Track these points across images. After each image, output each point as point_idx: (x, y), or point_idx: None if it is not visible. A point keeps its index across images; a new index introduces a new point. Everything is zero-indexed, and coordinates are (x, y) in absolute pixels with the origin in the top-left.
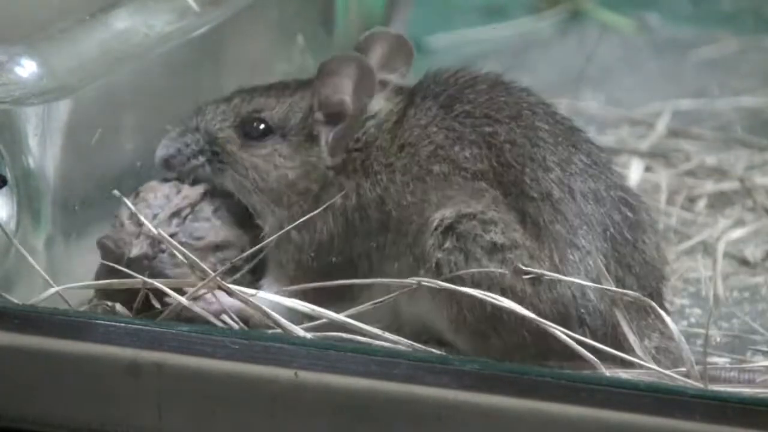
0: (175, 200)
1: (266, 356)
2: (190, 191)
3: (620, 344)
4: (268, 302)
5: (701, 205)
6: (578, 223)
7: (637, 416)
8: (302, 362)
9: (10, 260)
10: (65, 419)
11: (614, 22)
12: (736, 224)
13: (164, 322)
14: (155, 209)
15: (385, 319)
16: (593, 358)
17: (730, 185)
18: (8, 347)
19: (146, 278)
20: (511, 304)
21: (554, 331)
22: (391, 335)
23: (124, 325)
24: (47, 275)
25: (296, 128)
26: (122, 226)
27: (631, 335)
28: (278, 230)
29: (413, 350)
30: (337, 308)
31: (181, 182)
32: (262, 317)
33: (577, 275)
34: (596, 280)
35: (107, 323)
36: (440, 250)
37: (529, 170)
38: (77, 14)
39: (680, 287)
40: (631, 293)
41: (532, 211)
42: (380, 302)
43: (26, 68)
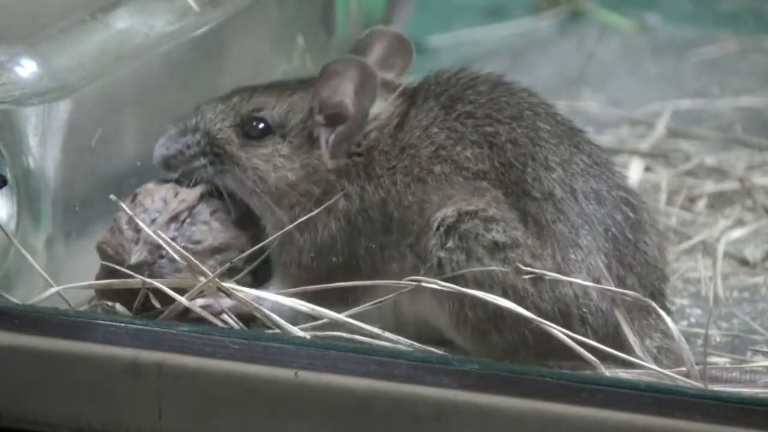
0: (172, 204)
1: (266, 356)
2: (187, 194)
3: (622, 344)
4: (270, 302)
5: (701, 205)
6: (580, 222)
7: (637, 416)
8: (302, 362)
9: (10, 260)
10: (65, 419)
11: (614, 22)
12: (736, 224)
13: (164, 322)
14: (152, 214)
15: (385, 319)
16: (593, 358)
17: (730, 185)
18: (8, 347)
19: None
20: (510, 304)
21: (554, 331)
22: (391, 335)
23: (124, 325)
24: (47, 275)
25: (296, 129)
26: (120, 231)
27: (631, 335)
28: (279, 232)
29: (413, 350)
30: (339, 310)
31: (179, 183)
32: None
33: (579, 274)
34: (598, 279)
35: (107, 323)
36: (442, 249)
37: (530, 170)
38: (77, 14)
39: (680, 287)
40: (630, 293)
41: (534, 210)
42: (381, 302)
43: (26, 68)
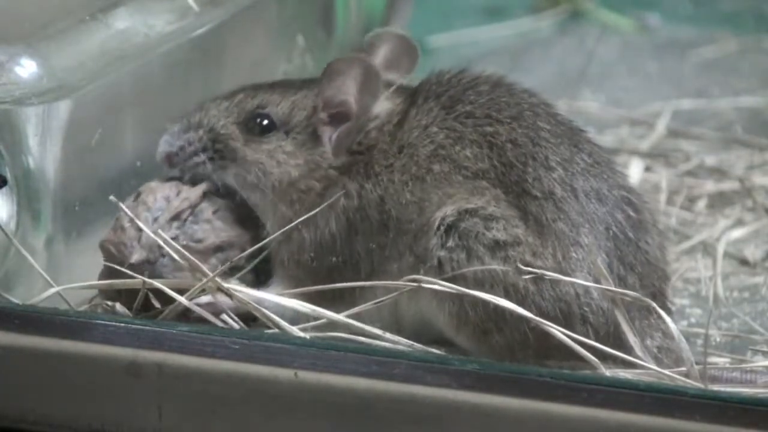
0: (174, 202)
1: (266, 356)
2: (189, 192)
3: (623, 343)
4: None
5: (701, 205)
6: (581, 221)
7: (637, 416)
8: (302, 362)
9: (10, 260)
10: (65, 419)
11: (614, 22)
12: (736, 224)
13: (164, 322)
14: (155, 212)
15: (385, 318)
16: (593, 358)
17: (730, 185)
18: (8, 347)
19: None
20: (510, 304)
21: (554, 331)
22: (391, 335)
23: (124, 325)
24: (47, 275)
25: (300, 126)
26: (122, 230)
27: (630, 335)
28: (280, 229)
29: (413, 350)
30: (337, 308)
31: (182, 180)
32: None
33: (580, 273)
34: (599, 278)
35: (107, 323)
36: (443, 248)
37: (531, 169)
38: (77, 14)
39: (680, 287)
40: (630, 293)
41: (534, 209)
42: (380, 302)
43: (26, 68)
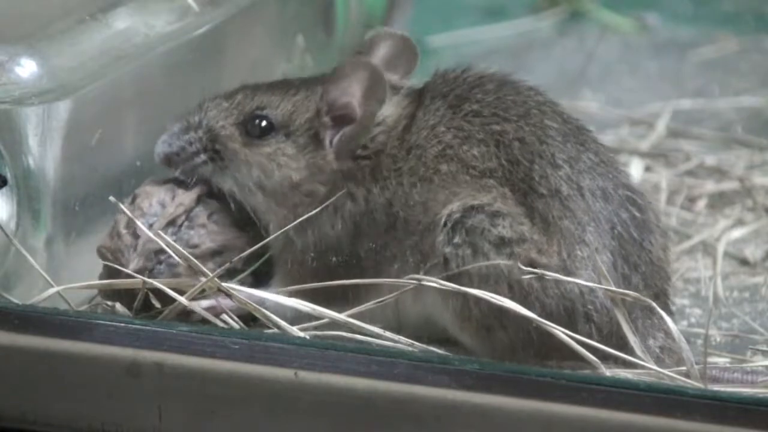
0: (169, 208)
1: (266, 356)
2: (184, 197)
3: (627, 342)
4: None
5: (701, 205)
6: (587, 220)
7: (637, 416)
8: (302, 362)
9: (10, 260)
10: (65, 419)
11: (614, 22)
12: (736, 224)
13: (164, 322)
14: (150, 218)
15: (387, 317)
16: (593, 358)
17: (730, 185)
18: (8, 347)
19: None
20: (511, 303)
21: (554, 330)
22: (391, 335)
23: (124, 325)
24: (47, 275)
25: (301, 128)
26: (119, 236)
27: (631, 335)
28: (283, 233)
29: (413, 350)
30: (340, 309)
31: (179, 181)
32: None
33: (585, 271)
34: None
35: (107, 323)
36: (449, 244)
37: (537, 167)
38: (77, 14)
39: (680, 287)
40: (630, 293)
41: (541, 207)
42: (382, 301)
43: (26, 68)
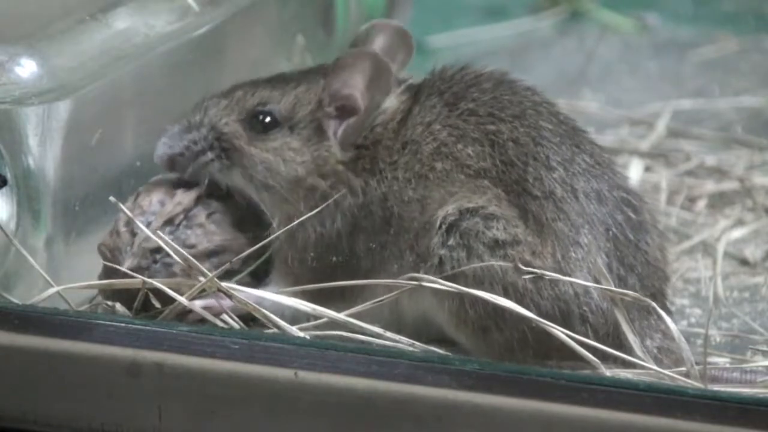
0: (168, 207)
1: (266, 356)
2: (183, 196)
3: (622, 343)
4: (269, 302)
5: (701, 205)
6: (581, 222)
7: (637, 416)
8: (302, 362)
9: (10, 260)
10: (65, 419)
11: (614, 22)
12: (736, 224)
13: (164, 322)
14: (149, 216)
15: (385, 317)
16: (593, 358)
17: (730, 185)
18: (8, 347)
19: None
20: (509, 303)
21: (554, 330)
22: (391, 334)
23: (124, 325)
24: (47, 275)
25: (305, 121)
26: (118, 234)
27: (630, 335)
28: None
29: (413, 350)
30: (338, 307)
31: (183, 181)
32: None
33: (579, 273)
34: (599, 278)
35: (107, 323)
36: (443, 246)
37: (532, 169)
38: (77, 14)
39: (680, 287)
40: (630, 293)
41: (534, 209)
42: (380, 301)
43: (26, 68)
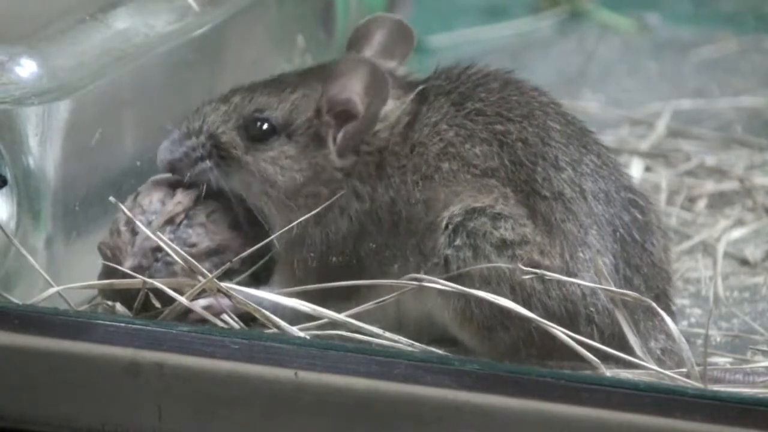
0: (168, 206)
1: (266, 356)
2: (183, 196)
3: (628, 344)
4: (270, 302)
5: (701, 205)
6: (589, 223)
7: (637, 416)
8: (302, 362)
9: (10, 260)
10: (65, 419)
11: (614, 22)
12: (736, 224)
13: (164, 322)
14: (149, 216)
15: (388, 317)
16: (593, 358)
17: (730, 185)
18: (8, 347)
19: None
20: (511, 303)
21: (554, 330)
22: (391, 335)
23: (124, 325)
24: (47, 275)
25: (302, 128)
26: (118, 233)
27: (631, 335)
28: (288, 233)
29: (413, 350)
30: (341, 309)
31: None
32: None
33: (587, 273)
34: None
35: (107, 323)
36: (450, 247)
37: (540, 169)
38: (77, 14)
39: (680, 287)
40: (630, 293)
41: (543, 209)
42: (383, 301)
43: (26, 68)
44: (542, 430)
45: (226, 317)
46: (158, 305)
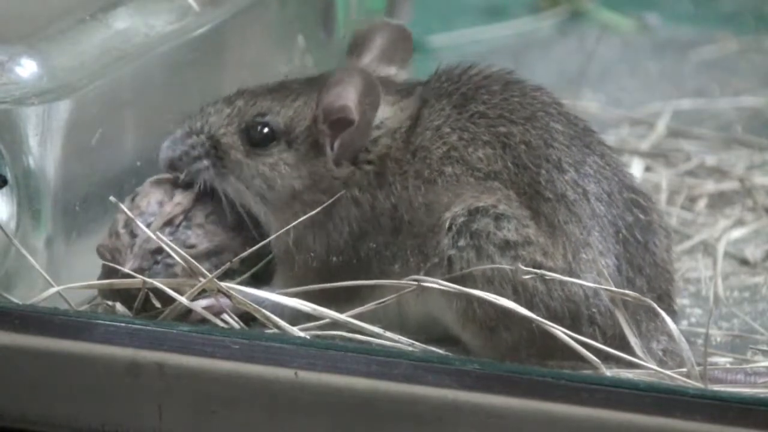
0: (167, 207)
1: (266, 356)
2: (182, 196)
3: (629, 345)
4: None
5: (701, 205)
6: (592, 224)
7: (637, 416)
8: (302, 362)
9: (10, 260)
10: (65, 419)
11: (614, 22)
12: (736, 224)
13: (164, 322)
14: (148, 218)
15: (389, 318)
16: (594, 358)
17: (730, 185)
18: (8, 347)
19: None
20: (511, 303)
21: (555, 330)
22: (391, 335)
23: (124, 325)
24: (47, 275)
25: (302, 136)
26: (117, 236)
27: (631, 335)
28: (284, 238)
29: (414, 350)
30: (343, 310)
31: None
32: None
33: (589, 274)
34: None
35: (107, 323)
36: (453, 247)
37: (544, 171)
38: (77, 14)
39: (680, 287)
40: (630, 293)
41: (546, 211)
42: (384, 302)
43: (26, 68)
44: (543, 430)
45: (226, 317)
46: (158, 305)
